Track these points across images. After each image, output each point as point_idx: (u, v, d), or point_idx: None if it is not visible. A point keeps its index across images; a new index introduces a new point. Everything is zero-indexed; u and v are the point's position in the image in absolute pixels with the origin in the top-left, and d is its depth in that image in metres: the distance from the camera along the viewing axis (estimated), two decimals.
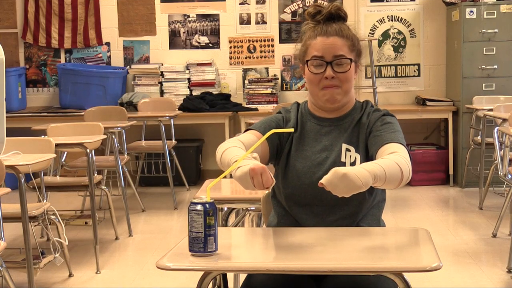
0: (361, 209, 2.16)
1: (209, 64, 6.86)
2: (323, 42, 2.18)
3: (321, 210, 2.14)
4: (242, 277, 2.19)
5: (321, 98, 2.20)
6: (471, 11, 6.26)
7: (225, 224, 2.93)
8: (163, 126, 5.92)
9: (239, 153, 2.03)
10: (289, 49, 6.96)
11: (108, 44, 7.03)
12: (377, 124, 2.18)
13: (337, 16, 2.22)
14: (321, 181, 1.86)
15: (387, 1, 6.91)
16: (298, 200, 2.17)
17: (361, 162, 2.14)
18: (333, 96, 2.18)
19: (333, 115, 2.24)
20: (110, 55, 7.04)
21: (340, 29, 2.20)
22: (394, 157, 2.00)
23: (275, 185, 2.22)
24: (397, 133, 2.16)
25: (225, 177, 1.96)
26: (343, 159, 2.17)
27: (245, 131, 2.27)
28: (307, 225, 2.14)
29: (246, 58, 6.98)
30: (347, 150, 2.18)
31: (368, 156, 2.17)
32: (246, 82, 6.84)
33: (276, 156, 2.24)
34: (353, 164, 2.15)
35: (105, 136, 4.65)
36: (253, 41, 6.97)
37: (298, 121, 2.26)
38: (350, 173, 1.84)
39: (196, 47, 7.00)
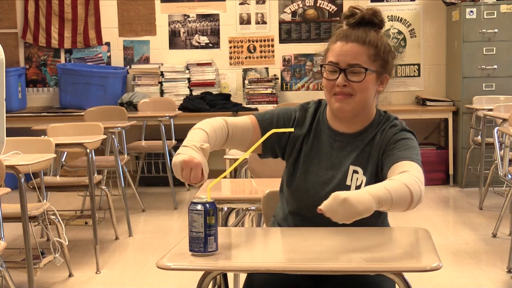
0: (368, 222, 2.13)
1: (209, 64, 6.86)
2: (341, 48, 2.08)
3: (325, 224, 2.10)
4: (242, 277, 2.19)
5: (332, 105, 2.10)
6: (471, 11, 6.26)
7: (225, 224, 2.93)
8: (163, 126, 5.92)
9: (196, 138, 1.97)
10: (289, 49, 6.96)
11: (108, 44, 7.03)
12: (390, 142, 2.07)
13: (370, 22, 2.11)
14: (320, 207, 1.77)
15: (387, 1, 6.91)
16: (301, 213, 2.12)
17: (366, 185, 2.03)
18: (343, 105, 2.08)
19: (349, 130, 2.12)
20: (110, 55, 7.04)
21: (364, 35, 2.08)
22: (403, 177, 1.90)
23: (284, 184, 2.17)
24: (411, 150, 2.03)
25: (225, 177, 1.96)
26: (348, 182, 2.08)
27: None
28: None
29: (246, 58, 6.98)
30: (355, 172, 2.08)
31: (377, 177, 2.07)
32: (246, 82, 6.84)
33: (272, 155, 2.18)
34: (358, 187, 2.06)
35: (105, 136, 4.65)
36: (253, 41, 6.97)
37: (313, 128, 2.15)
38: (351, 198, 1.76)
39: (196, 47, 7.00)
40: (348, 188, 2.06)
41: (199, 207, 1.78)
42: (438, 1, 6.77)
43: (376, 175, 2.07)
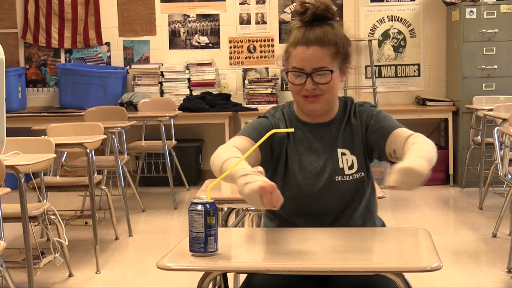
0: (362, 211, 2.15)
1: (209, 64, 6.86)
2: (303, 53, 2.09)
3: (324, 218, 2.12)
4: (242, 277, 2.19)
5: (303, 107, 2.16)
6: (471, 11, 6.26)
7: (225, 224, 2.93)
8: (163, 126, 5.92)
9: (244, 165, 1.91)
10: None
11: (108, 44, 7.03)
12: (369, 119, 2.15)
13: (324, 17, 2.12)
14: (390, 183, 1.82)
15: (387, 1, 6.91)
16: (299, 210, 2.14)
17: (358, 163, 2.13)
18: (314, 106, 2.13)
19: (321, 120, 2.18)
20: (110, 55, 7.04)
21: (322, 35, 2.09)
22: (420, 138, 2.00)
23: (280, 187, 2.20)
24: (392, 119, 2.17)
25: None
26: (340, 165, 2.13)
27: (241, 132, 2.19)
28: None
29: (246, 58, 6.98)
30: (343, 154, 2.15)
31: (365, 153, 2.15)
32: (246, 82, 6.84)
33: (266, 163, 2.17)
34: (351, 167, 2.13)
35: (105, 136, 4.65)
36: (253, 41, 6.97)
37: (288, 128, 2.18)
38: (415, 166, 1.82)
39: (196, 47, 7.00)
40: (342, 170, 2.12)
41: (199, 207, 1.78)
42: (438, 1, 6.77)
43: (364, 152, 2.15)
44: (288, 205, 2.13)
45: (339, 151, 2.15)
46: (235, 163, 1.91)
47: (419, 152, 1.91)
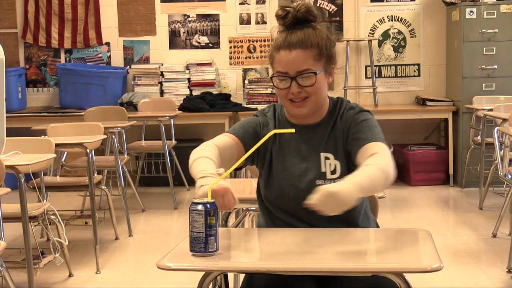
0: (355, 213, 2.14)
1: (209, 64, 6.86)
2: (286, 57, 2.09)
3: (307, 216, 2.10)
4: (242, 277, 2.19)
5: (290, 110, 2.16)
6: (471, 11, 6.26)
7: (225, 225, 2.93)
8: (163, 126, 5.91)
9: (207, 167, 1.96)
10: None
11: (108, 44, 7.03)
12: (352, 126, 2.13)
13: (305, 20, 2.12)
14: (308, 202, 1.82)
15: (387, 1, 6.91)
16: (284, 209, 2.15)
17: (341, 169, 2.12)
18: (301, 109, 2.13)
19: (308, 122, 2.18)
20: (110, 55, 7.04)
21: (304, 38, 2.09)
22: (376, 161, 1.98)
23: (261, 192, 2.21)
24: (373, 130, 2.11)
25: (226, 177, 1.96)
26: (323, 169, 2.13)
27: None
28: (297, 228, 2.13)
29: (246, 58, 6.98)
30: (326, 158, 2.14)
31: (349, 160, 2.13)
32: (246, 82, 6.84)
33: (253, 161, 2.21)
34: (333, 172, 2.12)
35: (105, 136, 4.65)
36: (253, 41, 6.97)
37: (276, 129, 2.20)
38: (340, 190, 1.81)
39: (196, 47, 7.00)
40: (324, 174, 2.12)
41: (199, 207, 1.78)
42: (438, 1, 6.77)
43: (346, 157, 2.14)
44: (273, 204, 2.16)
45: (323, 155, 2.14)
46: (202, 164, 1.98)
47: (358, 177, 1.90)
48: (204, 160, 2.01)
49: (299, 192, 2.10)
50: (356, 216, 2.15)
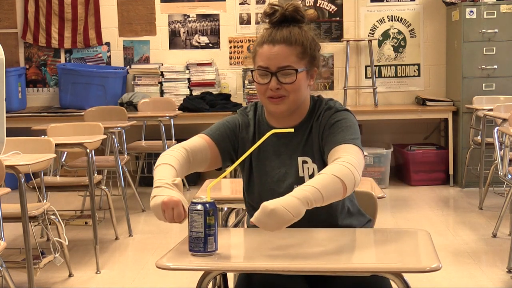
0: (334, 211, 2.13)
1: (209, 64, 6.86)
2: (269, 52, 2.07)
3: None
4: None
5: (268, 108, 2.14)
6: (471, 11, 6.26)
7: (225, 224, 2.93)
8: (163, 126, 5.92)
9: (164, 176, 1.96)
10: None
11: (108, 44, 7.03)
12: (326, 127, 2.09)
13: (293, 19, 2.11)
14: (251, 219, 1.79)
15: (387, 1, 6.91)
16: None
17: (318, 171, 2.03)
18: (279, 107, 2.09)
19: (287, 124, 2.13)
20: (110, 55, 7.04)
21: (289, 35, 2.07)
22: (333, 167, 1.91)
23: (245, 194, 2.20)
24: (346, 131, 2.05)
25: (225, 177, 1.96)
26: (301, 174, 2.11)
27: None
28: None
29: (246, 58, 6.98)
30: (304, 162, 2.11)
31: (326, 163, 2.06)
32: (246, 82, 6.84)
33: (231, 162, 2.17)
34: (311, 176, 2.07)
35: (105, 136, 4.65)
36: (253, 41, 6.96)
37: (256, 131, 2.17)
38: (278, 208, 1.77)
39: (196, 47, 7.00)
40: (302, 179, 2.09)
41: (199, 207, 1.78)
42: (438, 1, 6.77)
43: (323, 161, 2.10)
44: (256, 208, 2.13)
45: (300, 159, 2.11)
46: (161, 172, 1.99)
47: (305, 188, 1.84)
48: (164, 168, 2.01)
49: (278, 196, 2.04)
50: (336, 216, 2.13)
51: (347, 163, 1.92)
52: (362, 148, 2.03)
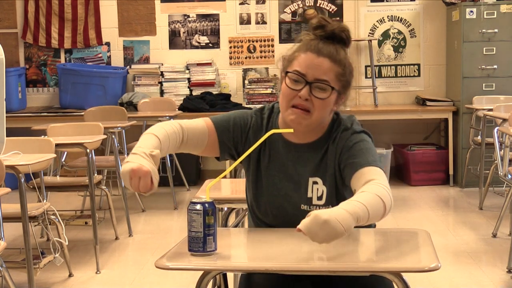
0: None
1: (209, 64, 6.86)
2: (311, 60, 1.99)
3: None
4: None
5: (287, 116, 2.02)
6: (471, 11, 6.26)
7: (225, 224, 2.93)
8: None
9: (146, 145, 1.92)
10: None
11: (108, 44, 7.03)
12: (344, 150, 2.01)
13: (339, 38, 2.03)
14: (299, 226, 1.73)
15: (387, 1, 6.91)
16: (268, 223, 2.12)
17: (328, 195, 2.03)
18: (299, 119, 2.00)
19: (302, 141, 2.06)
20: (110, 55, 7.04)
21: (335, 52, 2.01)
22: (374, 188, 1.86)
23: (248, 200, 2.15)
24: (367, 153, 1.98)
25: (225, 177, 1.96)
26: (309, 194, 2.04)
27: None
28: None
29: (246, 58, 6.98)
30: (314, 183, 2.04)
31: (336, 186, 2.04)
32: (246, 82, 6.84)
33: (230, 157, 2.12)
34: (320, 198, 2.03)
35: (105, 136, 4.65)
36: (253, 41, 6.97)
37: (267, 139, 2.05)
38: (332, 219, 1.71)
39: (196, 47, 7.00)
40: (310, 200, 2.04)
41: (198, 207, 1.78)
42: (438, 1, 6.77)
43: (336, 184, 2.04)
44: (258, 213, 2.12)
45: (311, 179, 2.05)
46: (144, 140, 1.95)
47: (352, 206, 1.78)
48: (149, 138, 1.97)
49: (282, 210, 2.06)
50: None
51: (384, 186, 1.87)
52: (383, 169, 1.98)
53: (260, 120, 2.13)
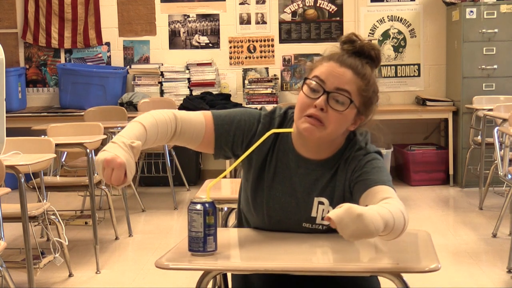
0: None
1: (209, 64, 6.86)
2: (333, 69, 1.88)
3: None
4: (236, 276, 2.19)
5: (300, 124, 1.89)
6: (471, 11, 6.26)
7: (225, 224, 2.93)
8: None
9: (128, 134, 1.81)
10: (289, 49, 6.96)
11: (108, 44, 7.03)
12: (356, 169, 1.91)
13: (367, 55, 1.94)
14: (329, 215, 1.62)
15: (387, 1, 6.91)
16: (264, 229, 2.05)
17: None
18: (312, 129, 1.87)
19: (315, 157, 1.96)
20: (110, 55, 7.04)
21: (360, 65, 1.91)
22: (398, 205, 1.75)
23: (250, 201, 2.03)
24: (380, 172, 1.88)
25: (225, 177, 1.96)
26: (313, 213, 1.94)
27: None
28: None
29: (246, 58, 6.98)
30: (320, 203, 1.94)
31: None
32: (246, 82, 6.84)
33: (225, 158, 2.02)
34: (324, 218, 1.89)
35: (105, 136, 4.65)
36: (253, 41, 6.97)
37: (276, 147, 1.99)
38: (366, 215, 1.61)
39: (196, 47, 7.00)
40: (313, 219, 1.95)
41: (198, 207, 1.78)
42: (438, 1, 6.77)
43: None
44: (254, 219, 2.06)
45: (317, 199, 1.94)
46: (128, 129, 1.84)
47: (382, 210, 1.68)
48: (134, 127, 1.85)
49: (284, 227, 1.98)
50: None
51: (403, 206, 1.77)
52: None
53: (267, 126, 1.99)
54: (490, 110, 5.39)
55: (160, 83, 6.86)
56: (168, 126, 1.92)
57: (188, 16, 6.99)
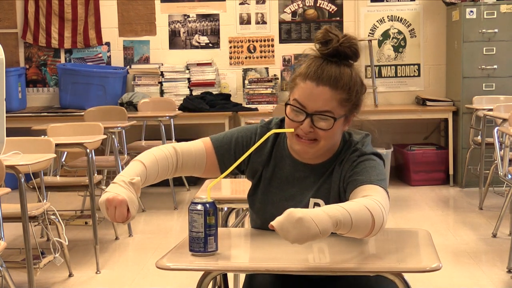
0: None
1: (209, 64, 6.86)
2: (310, 91, 1.86)
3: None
4: (242, 277, 2.19)
5: (293, 146, 1.94)
6: (471, 11, 6.26)
7: (225, 224, 2.93)
8: (163, 126, 5.91)
9: (128, 173, 1.86)
10: (289, 49, 6.96)
11: (108, 44, 7.03)
12: (348, 169, 1.92)
13: (345, 55, 1.90)
14: (272, 222, 1.64)
15: (387, 1, 6.91)
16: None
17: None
18: (305, 149, 1.91)
19: (311, 161, 1.97)
20: (110, 55, 7.04)
21: (338, 77, 1.87)
22: (365, 200, 1.75)
23: (249, 203, 2.07)
24: (371, 171, 1.88)
25: (225, 177, 1.96)
26: None
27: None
28: None
29: (246, 58, 6.98)
30: (316, 204, 1.94)
31: None
32: (246, 82, 6.84)
33: (232, 175, 2.05)
34: None
35: (105, 136, 4.65)
36: (253, 41, 6.97)
37: (273, 155, 2.01)
38: (307, 218, 1.61)
39: (196, 47, 7.00)
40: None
41: (199, 207, 1.78)
42: (438, 1, 6.77)
43: None
44: (255, 219, 2.08)
45: (312, 200, 1.95)
46: (129, 168, 1.89)
47: (332, 209, 1.68)
48: (134, 165, 1.91)
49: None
50: None
51: (377, 201, 1.76)
52: (388, 191, 1.87)
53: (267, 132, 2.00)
54: (490, 110, 5.39)
55: (160, 83, 6.86)
56: (168, 161, 1.97)
57: (188, 16, 6.99)
